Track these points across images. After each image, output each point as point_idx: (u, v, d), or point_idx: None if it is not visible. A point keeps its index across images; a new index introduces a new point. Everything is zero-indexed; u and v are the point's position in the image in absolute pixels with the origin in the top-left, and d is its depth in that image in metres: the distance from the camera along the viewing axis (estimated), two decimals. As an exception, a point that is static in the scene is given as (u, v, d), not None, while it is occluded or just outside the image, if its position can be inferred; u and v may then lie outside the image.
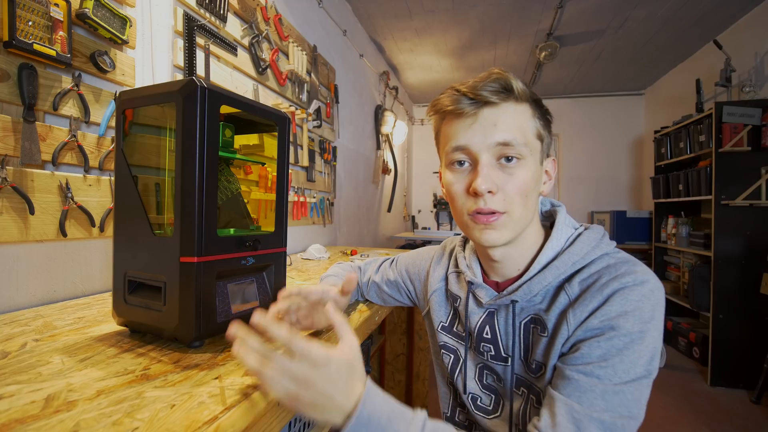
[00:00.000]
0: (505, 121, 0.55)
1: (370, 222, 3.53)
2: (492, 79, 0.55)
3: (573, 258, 0.58)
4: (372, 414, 0.44)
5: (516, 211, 0.56)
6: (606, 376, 0.49)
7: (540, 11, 2.84)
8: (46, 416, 0.40)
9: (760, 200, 2.44)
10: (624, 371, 0.49)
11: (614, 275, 0.54)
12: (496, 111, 0.56)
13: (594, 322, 0.52)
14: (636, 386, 0.49)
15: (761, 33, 2.74)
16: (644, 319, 0.50)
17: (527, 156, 0.56)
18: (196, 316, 0.57)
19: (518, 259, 0.62)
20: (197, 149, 0.55)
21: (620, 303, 0.51)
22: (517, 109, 0.56)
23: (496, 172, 0.56)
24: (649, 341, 0.50)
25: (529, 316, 0.60)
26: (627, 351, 0.49)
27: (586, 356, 0.51)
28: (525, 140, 0.56)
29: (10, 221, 0.82)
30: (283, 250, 0.75)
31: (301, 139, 2.05)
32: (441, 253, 0.81)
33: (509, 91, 0.56)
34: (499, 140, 0.55)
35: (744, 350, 2.49)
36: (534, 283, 0.59)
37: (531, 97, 0.58)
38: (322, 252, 1.86)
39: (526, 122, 0.57)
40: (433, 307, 0.76)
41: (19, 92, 0.82)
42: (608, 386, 0.48)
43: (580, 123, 4.83)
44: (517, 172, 0.56)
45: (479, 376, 0.67)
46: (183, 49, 1.27)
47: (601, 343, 0.50)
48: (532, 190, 0.57)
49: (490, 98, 0.55)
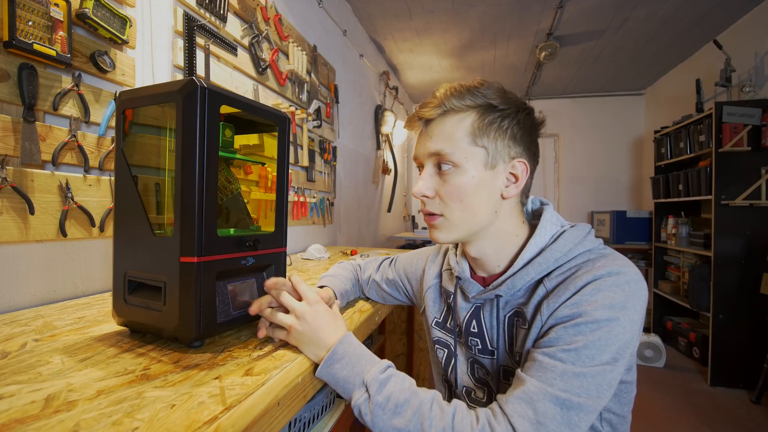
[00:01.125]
0: (439, 133, 0.62)
1: (370, 222, 3.53)
2: (433, 97, 0.63)
3: (555, 255, 0.60)
4: (346, 351, 0.59)
5: (452, 214, 0.62)
6: (569, 360, 0.50)
7: (540, 11, 2.84)
8: (46, 416, 0.40)
9: (760, 200, 2.44)
10: (588, 356, 0.50)
11: (590, 268, 0.56)
12: (434, 125, 0.63)
13: (565, 310, 0.54)
14: (599, 371, 0.50)
15: (761, 33, 2.74)
16: (615, 307, 0.51)
17: (462, 163, 0.60)
18: (196, 316, 0.57)
19: (495, 256, 0.66)
20: (197, 149, 0.55)
21: (591, 292, 0.53)
22: (452, 121, 0.61)
23: (435, 179, 0.63)
24: (619, 330, 0.51)
25: (513, 310, 0.63)
26: (593, 337, 0.50)
27: (553, 340, 0.53)
28: (457, 149, 0.60)
29: (10, 221, 0.82)
30: (283, 250, 0.75)
31: (301, 139, 2.05)
32: (436, 252, 0.84)
33: (445, 107, 0.61)
34: (431, 150, 0.62)
35: (744, 350, 2.49)
36: (517, 278, 0.61)
37: (482, 106, 0.61)
38: (322, 252, 1.86)
39: (462, 133, 0.61)
40: (428, 304, 0.79)
41: (19, 92, 0.82)
42: (569, 368, 0.50)
43: (580, 123, 4.83)
44: (450, 178, 0.61)
45: (471, 370, 0.70)
46: (183, 49, 1.27)
47: (568, 329, 0.52)
48: (472, 195, 0.61)
49: (428, 115, 0.63)
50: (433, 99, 0.63)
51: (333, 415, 0.95)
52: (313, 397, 0.76)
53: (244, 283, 0.68)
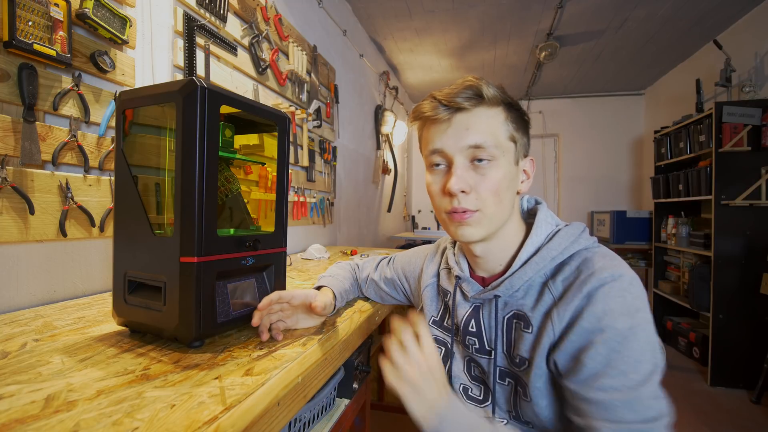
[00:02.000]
0: (477, 125, 0.59)
1: (370, 222, 3.53)
2: (465, 87, 0.59)
3: (552, 253, 0.60)
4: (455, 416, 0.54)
5: (489, 209, 0.60)
6: (621, 385, 0.49)
7: (540, 11, 2.84)
8: (46, 416, 0.40)
9: (760, 200, 2.44)
10: (633, 371, 0.50)
11: (591, 271, 0.56)
12: (468, 116, 0.59)
13: (583, 324, 0.53)
14: (650, 384, 0.50)
15: (761, 33, 2.74)
16: (630, 312, 0.51)
17: (499, 157, 0.59)
18: (196, 316, 0.57)
19: (499, 255, 0.65)
20: (197, 149, 0.55)
21: (603, 301, 0.52)
22: (488, 113, 0.60)
23: (469, 173, 0.60)
24: (643, 334, 0.51)
25: (512, 311, 0.62)
26: (625, 349, 0.50)
27: (591, 368, 0.51)
28: (496, 142, 0.59)
29: (10, 221, 0.82)
30: (283, 250, 0.75)
31: (301, 139, 2.05)
32: (434, 251, 0.84)
33: (480, 97, 0.59)
34: (471, 143, 0.59)
35: (744, 350, 2.49)
36: (515, 278, 0.61)
37: (504, 101, 0.61)
38: (322, 252, 1.86)
39: (498, 125, 0.60)
40: (425, 303, 0.78)
41: (19, 92, 0.82)
42: (627, 394, 0.49)
43: (580, 123, 4.83)
44: (488, 172, 0.59)
45: (467, 368, 0.70)
46: (183, 49, 1.27)
47: (598, 348, 0.51)
48: (506, 189, 0.60)
49: (462, 104, 0.59)
50: (465, 89, 0.59)
51: (333, 415, 0.95)
52: (313, 397, 0.76)
53: (244, 283, 0.68)
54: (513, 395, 0.62)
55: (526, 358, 0.59)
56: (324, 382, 0.65)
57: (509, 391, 0.63)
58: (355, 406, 1.03)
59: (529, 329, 0.59)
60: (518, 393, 0.61)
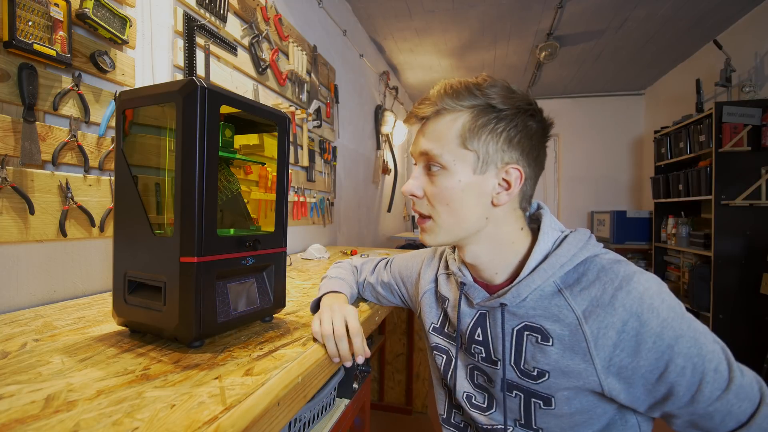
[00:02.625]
0: (431, 132, 0.60)
1: (370, 222, 3.53)
2: (429, 95, 0.60)
3: (560, 260, 0.57)
4: None
5: (440, 218, 0.60)
6: (715, 388, 0.49)
7: (540, 11, 2.84)
8: (46, 416, 0.40)
9: (760, 200, 2.44)
10: (718, 362, 0.50)
11: (616, 283, 0.54)
12: (428, 123, 0.61)
13: (646, 346, 0.51)
14: (732, 363, 0.50)
15: (761, 33, 2.74)
16: (678, 313, 0.52)
17: (450, 166, 0.58)
18: (196, 316, 0.57)
19: (491, 263, 0.63)
20: (197, 149, 0.55)
21: (652, 314, 0.51)
22: (445, 120, 0.59)
23: (425, 179, 0.61)
24: (697, 326, 0.52)
25: (523, 323, 0.59)
26: (700, 350, 0.50)
27: (685, 386, 0.50)
28: (447, 150, 0.58)
29: (10, 221, 0.82)
30: (283, 250, 0.75)
31: (301, 139, 2.05)
32: (432, 255, 0.81)
33: (438, 106, 0.59)
34: (421, 149, 0.61)
35: (744, 350, 2.49)
36: (522, 286, 0.58)
37: (476, 108, 0.57)
38: (322, 252, 1.86)
39: (453, 134, 0.58)
40: (424, 309, 0.76)
41: (19, 92, 0.82)
42: (732, 387, 0.49)
43: (580, 123, 4.83)
44: (437, 180, 0.59)
45: (470, 376, 0.68)
46: (183, 49, 1.27)
47: (678, 362, 0.50)
48: (460, 200, 0.58)
49: (422, 113, 0.61)
50: (429, 97, 0.61)
51: (333, 415, 0.95)
52: (313, 397, 0.76)
53: (244, 283, 0.68)
54: (525, 405, 0.60)
55: (546, 370, 0.57)
56: (324, 382, 0.65)
57: (517, 403, 0.61)
58: (355, 406, 1.03)
59: (549, 342, 0.56)
60: (534, 404, 0.59)
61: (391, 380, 2.18)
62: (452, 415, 0.74)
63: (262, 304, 0.70)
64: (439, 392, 0.77)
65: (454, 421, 0.73)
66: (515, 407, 0.61)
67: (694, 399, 0.50)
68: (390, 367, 2.17)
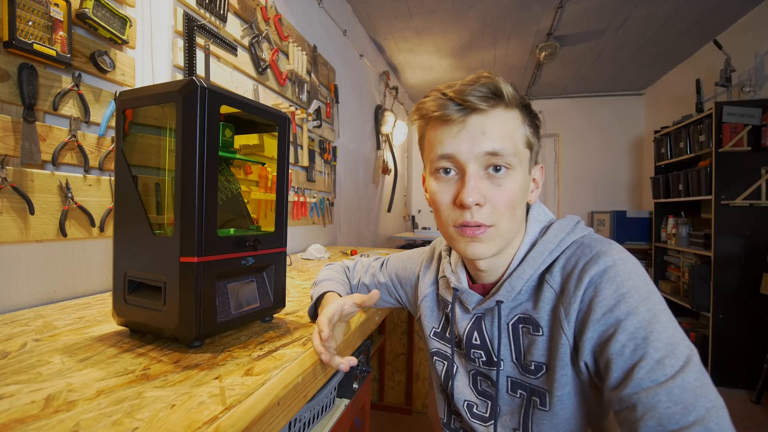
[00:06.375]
0: (494, 129, 0.52)
1: (370, 222, 3.53)
2: (481, 83, 0.51)
3: (548, 246, 0.56)
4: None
5: (503, 224, 0.54)
6: (657, 374, 0.43)
7: (540, 11, 2.84)
8: (46, 416, 0.40)
9: (760, 200, 2.44)
10: (667, 355, 0.43)
11: (589, 257, 0.52)
12: (485, 118, 0.52)
13: (595, 316, 0.49)
14: (691, 367, 0.43)
15: (761, 33, 2.74)
16: (642, 294, 0.47)
17: (516, 166, 0.54)
18: (196, 316, 0.57)
19: (495, 264, 0.61)
20: (197, 149, 0.55)
21: (611, 287, 0.48)
22: (506, 115, 0.53)
23: (484, 183, 0.53)
24: (662, 316, 0.46)
25: (516, 315, 0.58)
26: (649, 336, 0.45)
27: (620, 364, 0.45)
28: (514, 149, 0.53)
29: (10, 221, 0.82)
30: (283, 250, 0.75)
31: (301, 139, 2.05)
32: (430, 257, 0.78)
33: (499, 97, 0.52)
34: (488, 149, 0.52)
35: (744, 350, 2.49)
36: (514, 278, 0.57)
37: (521, 102, 0.55)
38: (322, 252, 1.86)
39: (516, 130, 0.54)
40: (424, 313, 0.74)
41: (19, 92, 0.82)
42: (669, 383, 0.42)
43: (580, 123, 4.83)
44: (505, 183, 0.53)
45: (473, 383, 0.66)
46: (183, 49, 1.27)
47: (619, 338, 0.46)
48: (520, 202, 0.55)
49: (478, 105, 0.51)
50: (480, 86, 0.51)
51: (333, 415, 0.95)
52: (313, 397, 0.76)
53: (244, 283, 0.68)
54: (525, 407, 0.58)
55: (543, 363, 0.55)
56: (324, 382, 0.65)
57: (520, 404, 0.59)
58: (355, 406, 1.03)
59: (539, 331, 0.55)
60: (533, 404, 0.57)
61: (391, 380, 2.18)
62: (452, 421, 0.73)
63: (262, 304, 0.70)
64: (439, 397, 0.75)
65: (454, 426, 0.73)
66: (517, 409, 0.60)
67: (624, 381, 0.45)
68: (390, 367, 2.17)
